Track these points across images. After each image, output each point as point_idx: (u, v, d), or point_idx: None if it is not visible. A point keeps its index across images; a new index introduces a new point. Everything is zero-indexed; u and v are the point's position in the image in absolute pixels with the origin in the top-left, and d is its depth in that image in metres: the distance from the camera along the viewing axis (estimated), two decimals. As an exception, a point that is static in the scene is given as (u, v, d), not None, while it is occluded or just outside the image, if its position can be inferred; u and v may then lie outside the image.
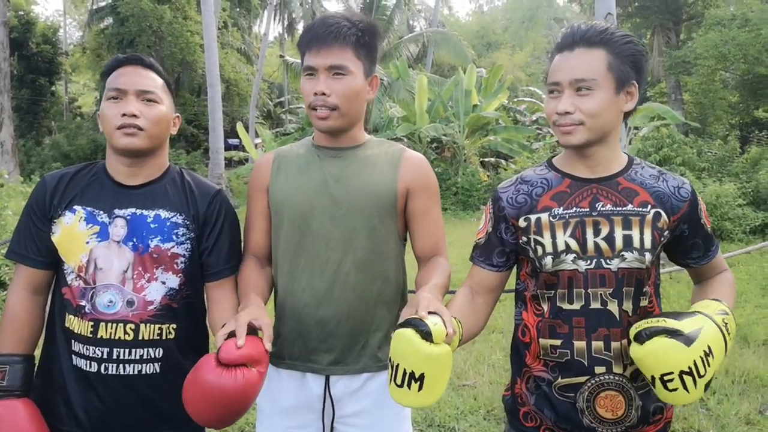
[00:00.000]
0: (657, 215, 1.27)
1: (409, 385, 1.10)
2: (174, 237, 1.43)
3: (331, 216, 1.43)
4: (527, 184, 1.38)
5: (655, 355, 1.13)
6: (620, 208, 1.27)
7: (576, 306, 1.27)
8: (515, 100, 21.71)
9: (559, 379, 1.30)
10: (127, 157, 1.42)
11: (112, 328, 1.38)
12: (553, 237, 1.30)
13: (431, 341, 1.09)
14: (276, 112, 30.20)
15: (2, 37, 18.75)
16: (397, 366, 1.11)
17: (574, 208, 1.29)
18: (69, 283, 1.40)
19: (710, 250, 1.40)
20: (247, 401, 1.21)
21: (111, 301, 1.38)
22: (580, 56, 1.25)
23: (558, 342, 1.30)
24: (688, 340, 1.12)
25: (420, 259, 1.54)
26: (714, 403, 3.36)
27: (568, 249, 1.28)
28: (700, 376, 1.13)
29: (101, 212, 1.41)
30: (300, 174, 1.49)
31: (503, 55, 31.10)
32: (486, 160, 17.17)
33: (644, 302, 1.28)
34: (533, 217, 1.33)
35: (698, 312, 1.21)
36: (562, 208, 1.30)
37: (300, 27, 31.18)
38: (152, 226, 1.41)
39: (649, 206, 1.27)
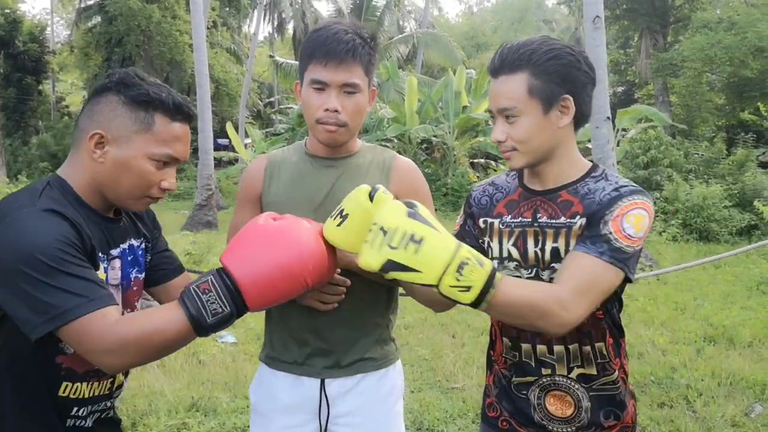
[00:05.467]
0: (582, 224, 1.25)
1: (334, 218, 1.21)
2: (144, 265, 1.36)
3: None
4: (494, 187, 1.43)
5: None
6: (553, 221, 1.28)
7: None
8: (505, 101, 21.77)
9: (514, 378, 1.37)
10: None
11: (119, 376, 1.31)
12: (500, 243, 1.35)
13: (371, 199, 1.18)
14: (266, 112, 30.09)
15: (-12, 36, 18.58)
16: (340, 204, 1.23)
17: (519, 218, 1.33)
18: (72, 350, 1.15)
19: (587, 246, 1.21)
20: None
21: None
22: (503, 84, 1.25)
23: (510, 343, 1.37)
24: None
25: None
26: (700, 405, 3.40)
27: (510, 257, 1.33)
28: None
29: (105, 255, 1.21)
30: (293, 183, 1.50)
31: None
32: (476, 161, 17.21)
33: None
34: (489, 221, 1.38)
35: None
36: (510, 217, 1.35)
37: (290, 27, 31.09)
38: (129, 258, 1.30)
39: (578, 216, 1.25)
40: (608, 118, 7.86)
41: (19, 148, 22.12)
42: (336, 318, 1.47)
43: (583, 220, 1.23)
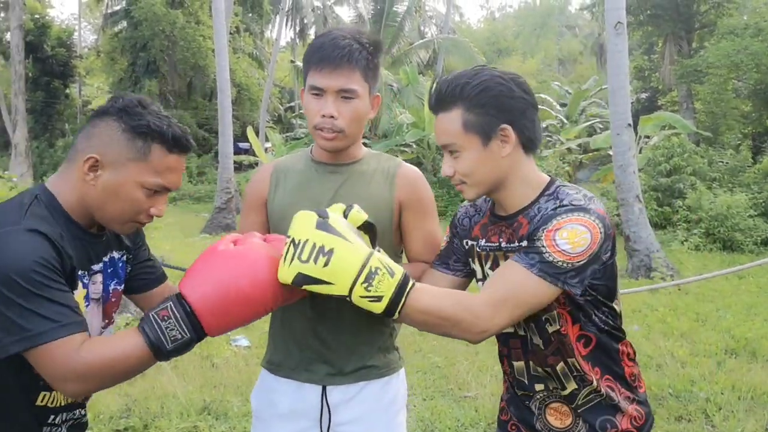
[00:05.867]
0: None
1: (309, 258, 1.09)
2: (123, 276, 1.37)
3: None
4: (474, 208, 1.46)
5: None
6: (512, 245, 1.29)
7: (510, 329, 1.34)
8: (525, 107, 21.62)
9: (516, 390, 1.42)
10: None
11: None
12: (481, 266, 1.38)
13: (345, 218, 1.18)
14: (286, 116, 30.32)
15: (18, 41, 19.00)
16: (298, 244, 1.10)
17: (489, 243, 1.35)
18: None
19: (519, 257, 1.21)
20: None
21: None
22: (441, 121, 1.28)
23: (504, 360, 1.42)
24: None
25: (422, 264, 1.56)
26: (719, 419, 3.32)
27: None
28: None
29: (83, 271, 1.23)
30: (298, 190, 1.50)
31: (514, 62, 31.07)
32: (495, 167, 17.13)
33: (554, 327, 1.29)
34: (469, 242, 1.42)
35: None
36: (484, 241, 1.37)
37: (312, 32, 31.32)
38: (110, 270, 1.31)
39: (524, 238, 1.26)
40: (629, 124, 7.76)
41: (45, 151, 22.57)
42: (339, 324, 1.47)
43: (525, 242, 1.24)
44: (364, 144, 1.67)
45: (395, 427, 1.55)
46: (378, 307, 1.10)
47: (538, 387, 1.35)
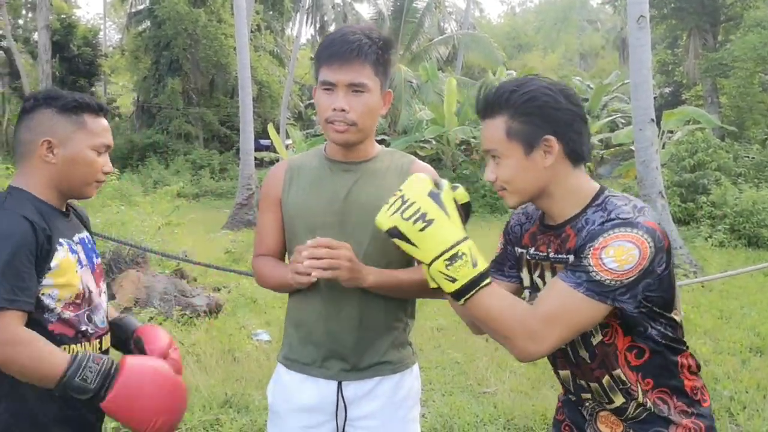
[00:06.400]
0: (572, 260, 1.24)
1: (410, 218, 1.16)
2: (97, 252, 1.60)
3: (341, 230, 1.46)
4: (526, 216, 1.46)
5: None
6: (559, 255, 1.29)
7: None
8: (547, 102, 21.43)
9: (568, 394, 1.42)
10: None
11: (105, 340, 1.54)
12: (529, 274, 1.38)
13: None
14: (307, 113, 30.44)
15: (45, 40, 19.39)
16: (406, 200, 1.18)
17: (538, 252, 1.35)
18: (58, 317, 1.39)
19: (566, 275, 1.19)
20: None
21: (102, 318, 1.53)
22: (486, 127, 1.29)
23: (552, 366, 1.41)
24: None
25: None
26: (744, 418, 3.28)
27: (536, 287, 1.36)
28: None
29: (70, 240, 1.46)
30: (312, 187, 1.52)
31: (535, 57, 30.82)
32: (516, 163, 17.03)
33: (597, 338, 1.27)
34: (519, 251, 1.42)
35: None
36: (533, 249, 1.37)
37: (332, 29, 31.36)
38: (89, 246, 1.54)
39: (571, 251, 1.24)
40: (652, 120, 7.66)
41: (71, 149, 22.99)
42: (352, 321, 1.49)
43: (572, 256, 1.22)
44: (383, 140, 1.69)
45: (409, 422, 1.57)
46: (449, 287, 1.15)
47: (585, 396, 1.35)
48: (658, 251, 1.16)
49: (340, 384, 1.51)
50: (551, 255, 1.31)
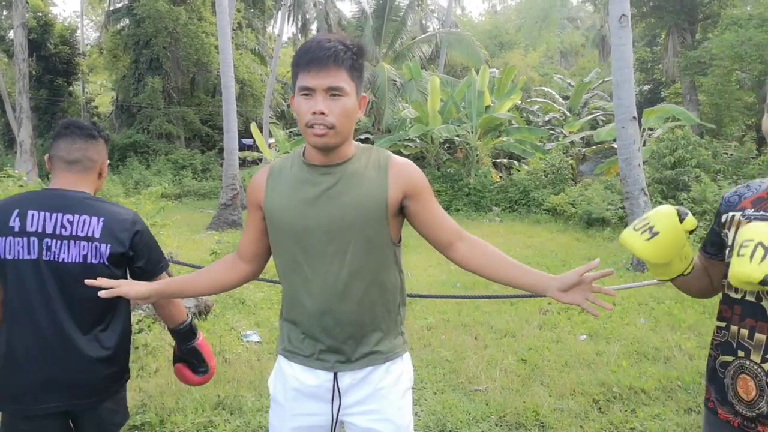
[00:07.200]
0: None
1: (642, 232, 1.43)
2: None
3: (327, 231, 1.51)
4: (746, 188, 1.54)
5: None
6: None
7: (738, 295, 1.44)
8: (528, 100, 21.62)
9: (719, 356, 1.49)
10: None
11: None
12: (736, 233, 1.44)
13: (681, 221, 1.43)
14: (289, 112, 30.29)
15: (21, 39, 19.00)
16: (645, 219, 1.45)
17: (761, 212, 1.42)
18: None
19: None
20: None
21: None
22: None
23: (723, 324, 1.48)
24: None
25: (450, 245, 1.60)
26: (727, 410, 3.35)
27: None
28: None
29: None
30: (294, 192, 1.56)
31: (516, 56, 30.97)
32: (498, 161, 17.11)
33: None
34: (731, 215, 1.49)
35: None
36: (752, 210, 1.45)
37: (314, 28, 31.26)
38: None
39: None
40: (634, 117, 7.76)
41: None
42: (344, 317, 1.55)
43: None
44: (367, 139, 1.71)
45: (403, 405, 1.64)
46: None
47: (740, 353, 1.41)
48: None
49: (336, 374, 1.58)
50: None
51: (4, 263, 1.70)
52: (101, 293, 1.56)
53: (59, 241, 1.71)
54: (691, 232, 1.44)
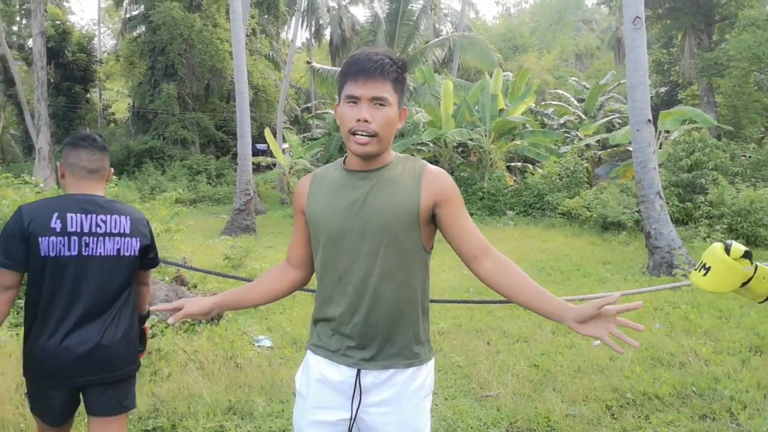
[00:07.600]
0: None
1: (699, 270, 1.63)
2: None
3: (360, 234, 1.59)
4: None
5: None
6: None
7: None
8: (543, 103, 21.52)
9: None
10: None
11: None
12: None
13: (728, 253, 1.60)
14: (303, 117, 30.45)
15: (40, 47, 19.33)
16: (701, 260, 1.64)
17: None
18: None
19: None
20: None
21: None
22: None
23: None
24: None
25: (475, 258, 1.63)
26: (745, 418, 3.29)
27: None
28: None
29: None
30: (333, 196, 1.65)
31: (530, 59, 30.82)
32: (512, 164, 17.05)
33: None
34: None
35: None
36: None
37: (327, 33, 31.42)
38: None
39: None
40: (649, 120, 7.69)
41: (68, 155, 22.92)
42: (373, 316, 1.60)
43: None
44: None
45: (421, 412, 1.65)
46: None
47: None
48: None
49: (359, 372, 1.62)
50: None
51: (45, 260, 1.97)
52: (170, 320, 1.73)
53: (96, 238, 2.04)
54: (746, 257, 1.59)
